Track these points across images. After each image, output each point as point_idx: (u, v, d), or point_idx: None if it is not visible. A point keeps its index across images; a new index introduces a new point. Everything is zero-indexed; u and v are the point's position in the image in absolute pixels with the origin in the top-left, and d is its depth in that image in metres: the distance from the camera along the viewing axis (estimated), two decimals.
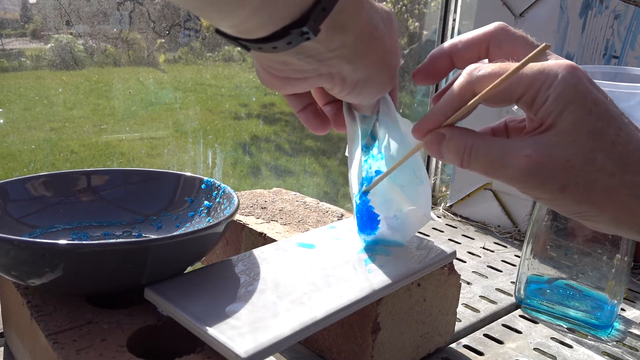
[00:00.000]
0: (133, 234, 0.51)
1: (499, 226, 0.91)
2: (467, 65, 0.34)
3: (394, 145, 0.41)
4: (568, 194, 0.30)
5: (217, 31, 0.29)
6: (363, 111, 0.42)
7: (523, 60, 0.30)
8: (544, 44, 0.31)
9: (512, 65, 0.31)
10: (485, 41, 0.35)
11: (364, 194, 0.44)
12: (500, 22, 0.35)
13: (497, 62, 0.32)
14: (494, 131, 0.39)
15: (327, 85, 0.34)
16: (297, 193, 0.66)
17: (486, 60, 0.36)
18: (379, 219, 0.46)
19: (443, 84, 0.43)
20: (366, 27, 0.31)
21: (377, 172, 0.42)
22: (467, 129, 0.33)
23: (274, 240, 0.51)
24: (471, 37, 0.35)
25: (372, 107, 0.41)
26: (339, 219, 0.58)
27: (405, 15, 1.16)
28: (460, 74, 0.33)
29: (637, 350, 0.57)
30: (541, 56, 0.32)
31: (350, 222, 0.53)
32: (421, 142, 0.35)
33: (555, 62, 0.30)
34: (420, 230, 0.87)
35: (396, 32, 0.35)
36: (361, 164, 0.43)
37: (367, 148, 0.44)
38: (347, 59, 0.31)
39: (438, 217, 0.95)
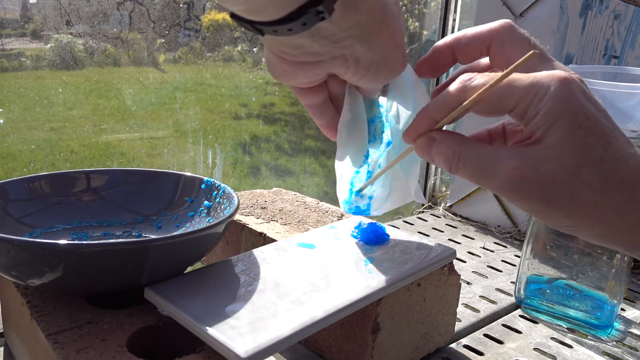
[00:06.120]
0: (133, 234, 0.51)
1: (499, 226, 0.91)
2: (469, 61, 0.34)
3: (403, 116, 0.39)
4: (553, 207, 0.30)
5: (232, 15, 0.29)
6: (370, 95, 0.40)
7: (509, 69, 0.30)
8: (531, 52, 0.30)
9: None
10: (488, 39, 0.34)
11: (357, 192, 0.44)
12: (507, 20, 0.34)
13: (491, 71, 0.32)
14: (491, 134, 0.39)
15: (341, 70, 0.33)
16: (297, 193, 0.66)
17: (486, 59, 0.36)
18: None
19: (444, 78, 0.43)
20: (377, 3, 0.30)
21: (388, 143, 0.42)
22: (458, 134, 0.33)
23: (274, 240, 0.51)
24: (475, 32, 0.35)
25: (378, 91, 0.40)
26: (339, 219, 0.58)
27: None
28: (455, 80, 0.33)
29: (637, 350, 0.57)
30: (542, 63, 0.32)
31: (350, 222, 0.53)
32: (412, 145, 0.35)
33: (548, 74, 0.30)
34: (420, 230, 0.87)
35: (401, 17, 0.35)
36: (365, 144, 0.43)
37: (374, 137, 0.43)
38: (360, 39, 0.31)
39: (437, 216, 0.95)
